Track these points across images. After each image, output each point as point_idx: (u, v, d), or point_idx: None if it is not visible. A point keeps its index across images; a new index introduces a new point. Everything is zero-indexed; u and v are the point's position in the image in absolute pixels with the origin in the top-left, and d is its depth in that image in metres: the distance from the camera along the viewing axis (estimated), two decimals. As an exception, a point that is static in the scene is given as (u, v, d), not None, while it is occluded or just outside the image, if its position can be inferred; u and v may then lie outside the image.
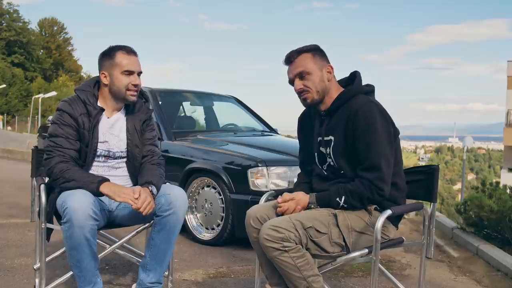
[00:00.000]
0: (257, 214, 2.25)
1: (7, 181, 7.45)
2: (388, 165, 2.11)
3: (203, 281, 3.14)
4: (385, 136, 2.11)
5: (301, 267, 2.03)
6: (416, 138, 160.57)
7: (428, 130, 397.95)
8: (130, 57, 2.43)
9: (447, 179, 69.03)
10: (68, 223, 2.16)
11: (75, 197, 2.18)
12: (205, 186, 4.18)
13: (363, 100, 2.16)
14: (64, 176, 2.30)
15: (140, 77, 2.48)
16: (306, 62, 2.21)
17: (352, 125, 2.13)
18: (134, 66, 2.44)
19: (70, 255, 2.25)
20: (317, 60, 2.23)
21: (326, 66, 2.24)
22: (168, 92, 5.46)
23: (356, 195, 2.11)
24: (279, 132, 5.64)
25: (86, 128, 2.41)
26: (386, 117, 2.14)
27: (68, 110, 2.41)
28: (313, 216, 2.11)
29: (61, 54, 60.90)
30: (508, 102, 28.97)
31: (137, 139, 2.53)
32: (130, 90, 2.44)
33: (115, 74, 2.42)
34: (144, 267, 2.50)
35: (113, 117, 2.52)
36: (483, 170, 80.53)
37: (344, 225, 2.12)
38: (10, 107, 44.59)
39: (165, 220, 2.41)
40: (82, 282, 2.30)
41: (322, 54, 2.26)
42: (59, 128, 2.39)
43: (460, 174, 37.18)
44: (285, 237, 2.00)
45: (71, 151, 2.38)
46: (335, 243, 2.10)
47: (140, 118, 2.57)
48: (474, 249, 4.11)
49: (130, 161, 2.53)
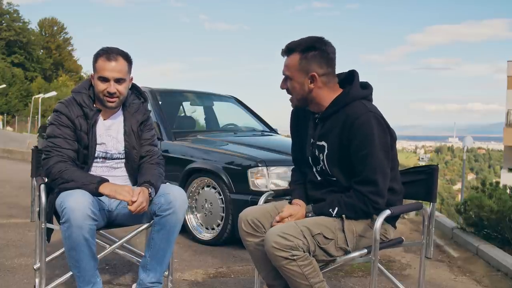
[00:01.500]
0: (248, 217, 2.21)
1: (7, 181, 7.45)
2: (384, 178, 2.07)
3: (203, 281, 3.14)
4: (382, 148, 2.05)
5: (308, 275, 1.99)
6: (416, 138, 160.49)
7: (428, 130, 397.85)
8: (109, 63, 2.36)
9: (447, 179, 69.00)
10: (66, 223, 2.16)
11: (74, 197, 2.19)
12: (205, 186, 4.18)
13: (360, 110, 2.07)
14: (62, 176, 2.30)
15: (122, 84, 2.41)
16: (291, 65, 2.12)
17: (347, 135, 2.07)
18: (109, 72, 2.36)
19: (69, 255, 2.25)
20: (304, 65, 2.09)
21: (311, 73, 2.09)
22: (168, 92, 5.46)
23: (351, 207, 2.09)
24: (279, 132, 5.63)
25: (83, 130, 2.42)
26: (383, 127, 2.08)
27: (65, 111, 2.41)
28: (320, 222, 2.07)
29: (61, 54, 60.91)
30: (508, 102, 28.96)
31: (134, 140, 2.53)
32: (106, 97, 2.39)
33: (95, 78, 2.42)
34: (144, 267, 2.50)
35: (110, 118, 2.52)
36: (483, 170, 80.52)
37: (349, 230, 2.10)
38: (10, 107, 44.59)
39: (164, 220, 2.41)
40: (82, 282, 2.30)
41: (315, 57, 2.08)
42: (57, 129, 2.39)
43: (460, 174, 37.18)
44: (294, 245, 1.95)
45: (69, 151, 2.39)
46: (340, 248, 2.09)
47: (137, 119, 2.55)
48: (474, 249, 4.10)
49: (128, 162, 2.54)
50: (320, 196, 2.21)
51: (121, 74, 2.39)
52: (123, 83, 2.42)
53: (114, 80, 2.37)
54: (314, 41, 2.11)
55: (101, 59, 2.38)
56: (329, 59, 2.12)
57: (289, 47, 2.13)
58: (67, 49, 63.63)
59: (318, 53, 2.10)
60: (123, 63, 2.41)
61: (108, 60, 2.36)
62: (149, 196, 2.35)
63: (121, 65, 2.39)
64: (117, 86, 2.39)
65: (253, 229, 2.20)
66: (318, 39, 2.12)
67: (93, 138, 2.42)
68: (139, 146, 2.55)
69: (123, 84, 2.42)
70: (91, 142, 2.42)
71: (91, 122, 2.42)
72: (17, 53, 52.43)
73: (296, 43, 2.13)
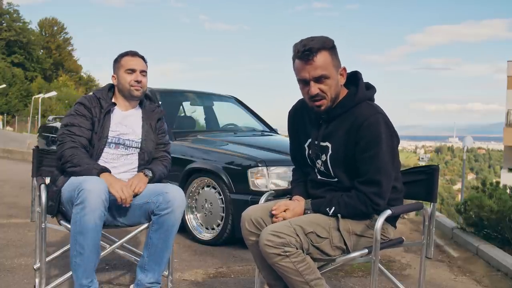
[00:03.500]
0: (251, 216, 2.21)
1: (7, 181, 7.45)
2: (388, 180, 2.07)
3: (203, 281, 3.14)
4: (388, 150, 2.04)
5: (302, 272, 2.00)
6: (416, 138, 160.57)
7: (428, 130, 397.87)
8: (133, 59, 2.72)
9: (447, 179, 69.01)
10: (81, 204, 2.23)
11: (92, 181, 2.30)
12: (205, 186, 4.18)
13: (369, 111, 2.06)
14: (72, 161, 2.47)
15: (145, 76, 2.73)
16: (327, 64, 2.02)
17: (355, 135, 2.05)
18: (135, 65, 2.70)
19: (75, 241, 2.27)
20: (335, 62, 2.06)
21: (341, 68, 2.08)
22: (168, 92, 5.46)
23: (350, 207, 2.08)
24: (279, 132, 5.63)
25: (97, 117, 2.63)
26: (390, 129, 2.07)
27: (84, 102, 2.65)
28: (314, 221, 2.07)
29: (61, 54, 60.94)
30: (508, 102, 28.96)
31: (151, 133, 2.75)
32: (133, 86, 2.68)
33: (120, 74, 2.70)
34: (142, 267, 2.51)
35: (128, 112, 2.74)
36: (483, 170, 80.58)
37: (345, 229, 2.10)
38: (10, 107, 44.60)
39: (162, 219, 2.42)
40: (82, 273, 2.29)
41: (337, 53, 2.08)
42: (73, 118, 2.61)
43: (460, 174, 37.18)
44: (285, 242, 1.96)
45: (82, 139, 2.56)
46: (336, 247, 2.09)
47: (155, 117, 2.81)
48: (474, 249, 4.11)
49: (142, 153, 2.69)
50: (320, 194, 2.21)
51: (144, 67, 2.74)
52: (146, 76, 2.75)
53: (139, 71, 2.70)
54: (327, 38, 2.08)
55: (126, 57, 2.72)
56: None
57: (314, 46, 2.01)
58: (67, 49, 63.68)
59: (336, 48, 2.09)
60: (143, 61, 2.76)
61: (133, 56, 2.73)
62: (145, 176, 2.56)
63: (143, 61, 2.76)
64: (141, 77, 2.70)
65: (256, 228, 2.19)
66: (325, 37, 2.10)
67: (107, 125, 2.62)
68: (156, 139, 2.77)
69: (146, 77, 2.75)
70: (104, 128, 2.61)
71: (105, 110, 2.64)
72: (17, 53, 52.43)
73: (320, 42, 2.03)
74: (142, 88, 2.72)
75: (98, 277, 2.99)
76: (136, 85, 2.68)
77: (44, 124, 7.86)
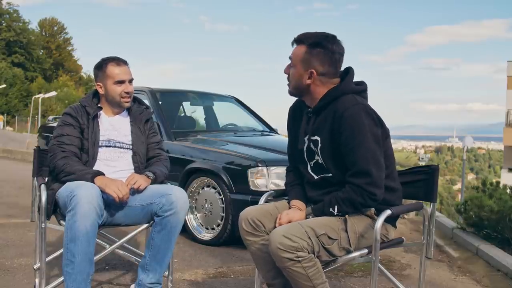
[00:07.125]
0: (248, 217, 2.21)
1: (7, 181, 7.45)
2: (378, 168, 2.05)
3: (203, 281, 3.14)
4: (372, 139, 2.04)
5: (312, 276, 1.98)
6: (416, 138, 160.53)
7: (428, 130, 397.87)
8: (120, 68, 2.65)
9: (447, 179, 68.99)
10: (73, 210, 2.22)
11: (84, 187, 2.29)
12: (205, 186, 4.18)
13: (350, 102, 2.06)
14: (65, 170, 2.46)
15: (131, 84, 2.69)
16: (296, 56, 2.14)
17: (338, 128, 2.06)
18: (124, 75, 2.65)
19: (67, 249, 2.25)
20: (306, 59, 2.11)
21: (310, 69, 2.11)
22: (168, 92, 5.46)
23: (348, 202, 2.07)
24: (279, 132, 5.63)
25: (86, 124, 2.62)
26: (373, 119, 2.06)
27: (70, 112, 2.64)
28: (324, 223, 2.06)
29: (61, 54, 60.93)
30: (508, 102, 28.95)
31: (140, 134, 2.73)
32: (124, 98, 2.67)
33: (108, 84, 2.65)
34: (144, 268, 2.51)
35: (115, 117, 2.72)
36: (483, 170, 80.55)
37: (352, 230, 2.09)
38: (10, 107, 44.58)
39: (166, 220, 2.42)
40: (72, 283, 2.24)
41: (319, 54, 2.09)
42: (61, 129, 2.60)
43: (460, 174, 37.16)
44: (299, 246, 1.94)
45: (72, 147, 2.56)
46: (343, 248, 2.09)
47: (142, 119, 2.77)
48: (474, 249, 4.11)
49: (135, 155, 2.68)
50: (319, 197, 2.19)
51: (131, 74, 2.70)
52: (132, 83, 2.71)
53: (128, 81, 2.66)
54: (323, 38, 2.11)
55: (111, 65, 2.64)
56: (333, 59, 2.11)
57: (300, 37, 2.15)
58: (67, 49, 63.67)
59: (323, 51, 2.10)
60: (128, 67, 2.70)
61: (118, 65, 2.65)
62: (147, 177, 2.55)
63: (128, 68, 2.70)
64: (131, 87, 2.68)
65: (253, 229, 2.20)
66: (327, 36, 2.12)
67: (96, 128, 2.61)
68: (146, 139, 2.75)
69: (132, 83, 2.71)
70: (93, 132, 2.60)
71: (91, 116, 2.62)
72: (17, 53, 52.42)
73: (307, 36, 2.14)
74: (131, 96, 2.70)
75: (98, 277, 3.00)
76: (127, 96, 2.66)
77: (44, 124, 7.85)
